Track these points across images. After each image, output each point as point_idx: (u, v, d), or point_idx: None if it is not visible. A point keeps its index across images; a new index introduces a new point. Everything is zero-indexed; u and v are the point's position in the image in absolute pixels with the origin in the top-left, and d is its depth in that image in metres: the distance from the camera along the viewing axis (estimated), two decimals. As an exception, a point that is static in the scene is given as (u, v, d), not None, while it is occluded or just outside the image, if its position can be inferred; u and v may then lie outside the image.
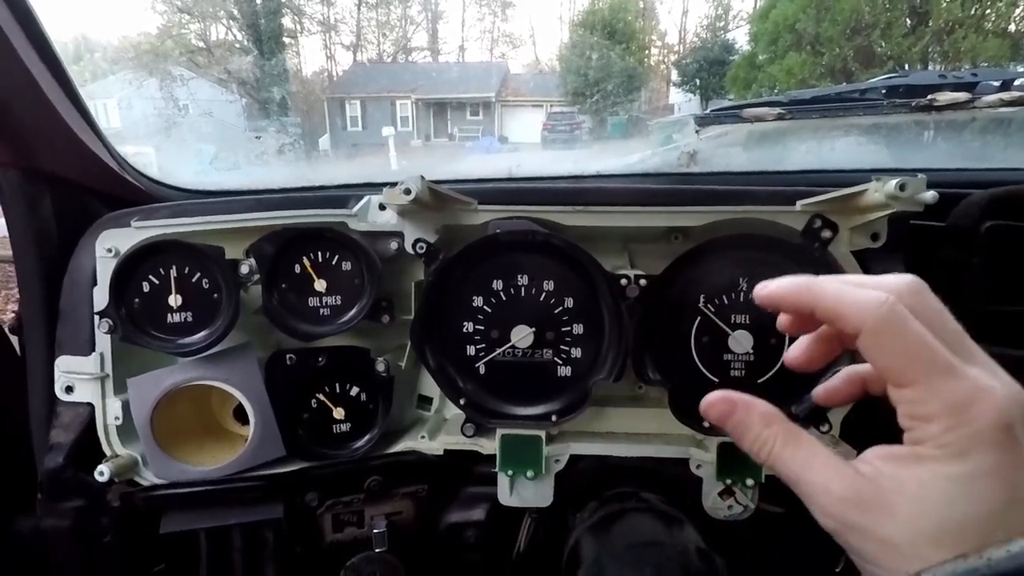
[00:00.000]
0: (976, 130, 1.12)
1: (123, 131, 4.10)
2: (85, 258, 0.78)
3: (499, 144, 15.30)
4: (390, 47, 24.90)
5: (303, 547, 0.79)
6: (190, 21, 16.89)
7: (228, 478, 0.76)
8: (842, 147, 1.23)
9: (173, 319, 0.74)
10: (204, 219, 0.76)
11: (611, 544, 0.69)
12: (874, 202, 0.65)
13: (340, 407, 0.79)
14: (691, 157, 1.06)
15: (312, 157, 9.26)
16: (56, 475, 0.75)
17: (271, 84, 12.80)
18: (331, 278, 0.76)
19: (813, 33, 11.08)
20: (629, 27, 19.38)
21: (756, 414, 0.39)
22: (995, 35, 9.76)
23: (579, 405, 0.75)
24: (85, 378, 0.77)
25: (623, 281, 0.71)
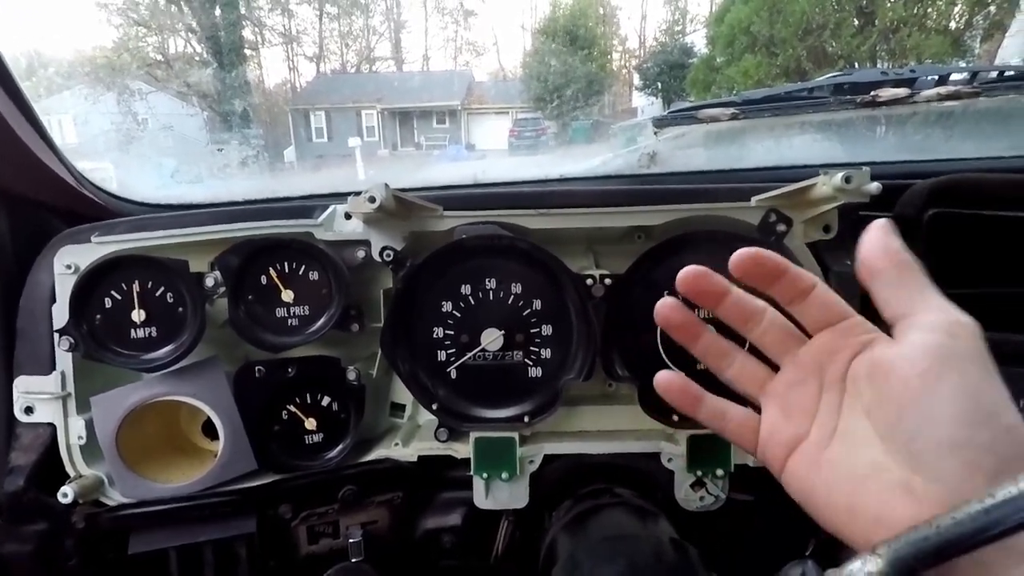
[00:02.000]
0: (918, 124, 1.18)
1: (80, 147, 3.99)
2: (43, 275, 0.77)
3: (466, 152, 15.32)
4: (354, 57, 24.74)
5: (277, 561, 0.78)
6: (147, 34, 16.53)
7: (198, 494, 0.75)
8: (795, 144, 1.27)
9: (137, 334, 0.73)
10: (167, 232, 0.76)
11: (586, 540, 0.69)
12: (823, 195, 0.67)
13: (312, 417, 0.78)
14: (651, 158, 1.08)
15: (277, 169, 9.13)
16: (17, 498, 0.73)
17: (232, 96, 12.59)
18: (298, 288, 0.76)
19: (767, 35, 11.37)
20: (590, 33, 19.61)
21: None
22: (937, 32, 10.15)
23: (551, 405, 0.76)
24: (46, 398, 0.75)
25: (589, 281, 0.72)
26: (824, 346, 0.43)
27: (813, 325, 0.44)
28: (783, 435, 0.44)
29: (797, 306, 0.44)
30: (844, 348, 0.41)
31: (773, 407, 0.46)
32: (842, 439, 0.40)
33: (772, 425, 0.45)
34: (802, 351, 0.44)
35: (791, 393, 0.44)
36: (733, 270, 0.44)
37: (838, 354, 0.42)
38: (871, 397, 0.39)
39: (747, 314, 0.46)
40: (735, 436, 0.48)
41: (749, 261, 0.43)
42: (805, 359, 0.44)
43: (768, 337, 0.46)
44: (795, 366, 0.45)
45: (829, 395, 0.42)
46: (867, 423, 0.39)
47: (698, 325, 0.49)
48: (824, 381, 0.42)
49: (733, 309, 0.46)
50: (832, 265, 0.73)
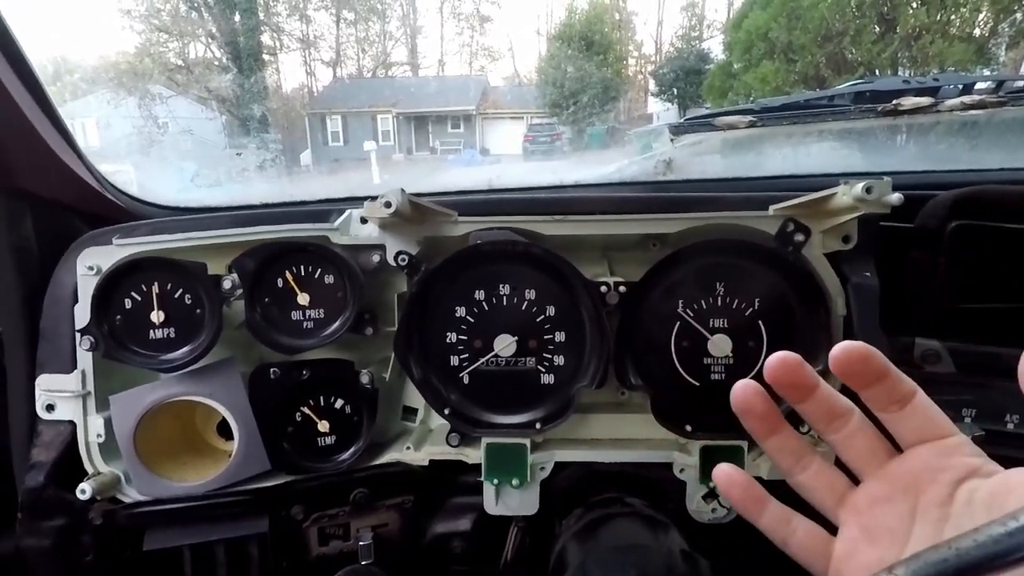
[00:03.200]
0: (941, 133, 1.16)
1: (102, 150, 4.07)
2: (66, 276, 0.78)
3: (480, 156, 15.36)
4: (370, 62, 24.92)
5: (289, 561, 0.79)
6: (168, 40, 16.79)
7: (212, 493, 0.76)
8: (814, 152, 1.26)
9: (156, 335, 0.74)
10: (186, 235, 0.77)
11: (596, 549, 0.69)
12: (843, 205, 0.67)
13: (325, 420, 0.79)
14: (667, 165, 1.08)
15: (294, 173, 9.22)
16: (37, 494, 0.74)
17: (251, 101, 12.74)
18: (314, 292, 0.76)
19: (786, 41, 11.29)
20: (606, 39, 19.58)
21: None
22: (960, 40, 10.02)
23: (563, 412, 0.76)
24: (67, 396, 0.76)
25: (603, 288, 0.72)
26: (921, 463, 0.39)
27: (909, 438, 0.40)
28: (865, 559, 0.39)
29: (891, 414, 0.40)
30: (948, 468, 0.37)
31: (853, 525, 0.41)
32: None
33: (851, 545, 0.41)
34: (894, 465, 0.40)
35: (876, 511, 0.40)
36: (834, 364, 0.39)
37: (939, 474, 0.37)
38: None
39: (834, 414, 0.41)
40: (800, 551, 0.43)
41: (856, 357, 0.38)
42: (897, 475, 0.39)
43: (855, 444, 0.41)
44: (884, 481, 0.40)
45: (925, 520, 0.37)
46: None
47: (779, 418, 0.44)
48: (919, 503, 0.38)
49: (820, 407, 0.41)
50: (851, 276, 0.73)
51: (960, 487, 0.37)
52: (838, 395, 0.42)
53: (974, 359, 0.76)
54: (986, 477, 0.36)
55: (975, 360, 0.76)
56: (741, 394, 0.43)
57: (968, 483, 0.36)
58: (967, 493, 0.36)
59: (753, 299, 0.73)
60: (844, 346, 0.38)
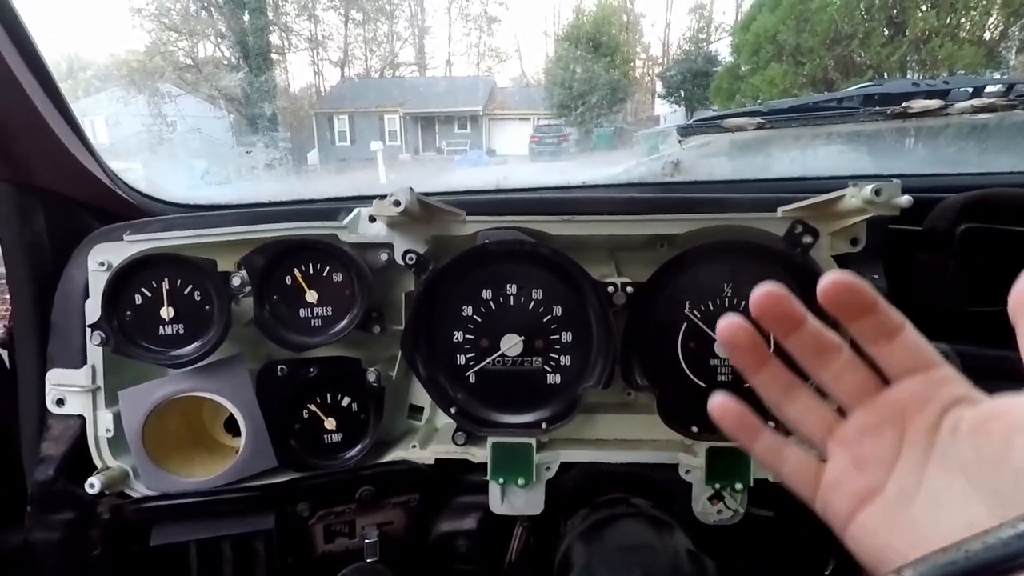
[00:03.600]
0: (951, 136, 1.16)
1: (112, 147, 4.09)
2: (77, 271, 0.79)
3: (487, 157, 15.38)
4: (377, 62, 25.01)
5: (294, 558, 0.79)
6: (178, 38, 16.90)
7: (219, 489, 0.76)
8: (822, 155, 1.26)
9: (165, 331, 0.75)
10: (196, 232, 0.77)
11: (601, 549, 0.69)
12: (852, 207, 0.66)
13: (331, 417, 0.79)
14: (675, 166, 1.08)
15: (301, 172, 9.26)
16: (46, 487, 0.75)
17: (259, 100, 12.80)
18: (322, 289, 0.77)
19: (794, 44, 11.26)
20: (613, 40, 19.58)
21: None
22: (970, 43, 9.96)
23: (569, 412, 0.76)
24: (76, 390, 0.77)
25: (610, 289, 0.72)
26: (909, 394, 0.39)
27: (897, 370, 0.40)
28: (853, 486, 0.40)
29: (880, 347, 0.40)
30: (935, 399, 0.38)
31: (842, 455, 0.42)
32: (928, 497, 0.37)
33: (840, 474, 0.41)
34: (882, 397, 0.40)
35: (865, 441, 0.40)
36: (822, 295, 0.39)
37: (927, 404, 0.38)
38: (972, 455, 0.35)
39: (822, 349, 0.41)
40: (791, 478, 0.44)
41: (843, 288, 0.38)
42: (885, 406, 0.40)
43: (843, 379, 0.41)
44: (872, 412, 0.41)
45: (912, 449, 0.38)
46: (963, 482, 0.35)
47: (766, 352, 0.43)
48: (906, 433, 0.39)
49: (808, 341, 0.41)
50: (859, 278, 0.72)
51: (946, 416, 0.37)
52: (827, 329, 0.41)
53: (983, 362, 0.75)
54: (972, 405, 0.37)
55: (984, 363, 0.75)
56: (727, 328, 0.42)
57: (954, 411, 0.37)
58: (953, 421, 0.37)
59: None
60: (832, 276, 0.38)
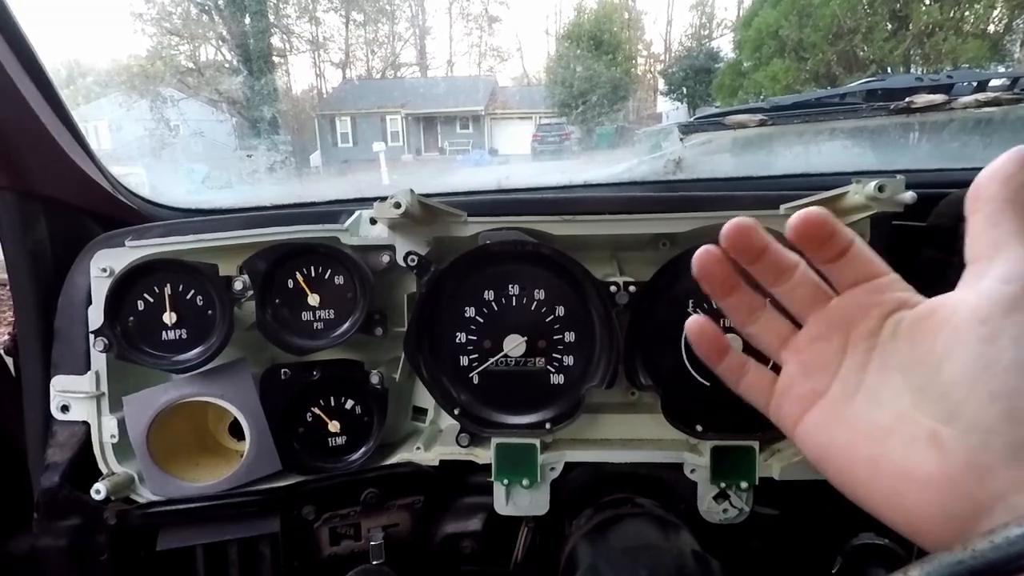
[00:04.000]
0: (955, 131, 1.15)
1: (114, 152, 4.11)
2: (80, 278, 0.79)
3: (489, 156, 15.38)
4: (379, 64, 25.04)
5: (300, 561, 0.79)
6: (180, 43, 16.95)
7: (224, 493, 0.76)
8: (825, 151, 1.25)
9: (168, 336, 0.75)
10: (197, 237, 0.77)
11: (607, 550, 0.69)
12: (855, 204, 0.66)
13: (335, 420, 0.79)
14: (677, 164, 1.08)
15: (303, 174, 9.28)
16: (52, 494, 0.75)
17: (261, 103, 12.83)
18: (324, 292, 0.77)
19: (796, 39, 11.22)
20: (615, 38, 19.55)
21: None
22: (974, 37, 9.91)
23: (572, 412, 0.76)
24: (81, 397, 0.77)
25: (613, 288, 0.72)
26: (854, 302, 0.42)
27: (845, 282, 0.43)
28: (800, 390, 0.43)
29: (833, 264, 0.42)
30: (876, 305, 0.40)
31: (792, 363, 0.45)
32: (867, 396, 0.39)
33: (789, 380, 0.45)
34: (830, 306, 0.43)
35: (813, 348, 0.43)
36: (792, 231, 0.42)
37: (870, 310, 0.40)
38: (907, 353, 0.37)
39: (781, 269, 0.44)
40: (748, 390, 0.48)
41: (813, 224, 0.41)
42: (832, 315, 0.43)
43: (797, 293, 0.44)
44: (820, 322, 0.43)
45: (855, 352, 0.41)
46: (899, 379, 0.37)
47: (737, 279, 0.47)
48: (850, 338, 0.41)
49: (771, 265, 0.44)
50: (863, 275, 0.72)
51: (888, 319, 0.40)
52: (785, 251, 0.44)
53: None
54: (912, 307, 0.39)
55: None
56: (704, 258, 0.46)
57: (895, 315, 0.39)
58: (893, 324, 0.39)
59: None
60: (803, 214, 0.41)
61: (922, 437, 0.34)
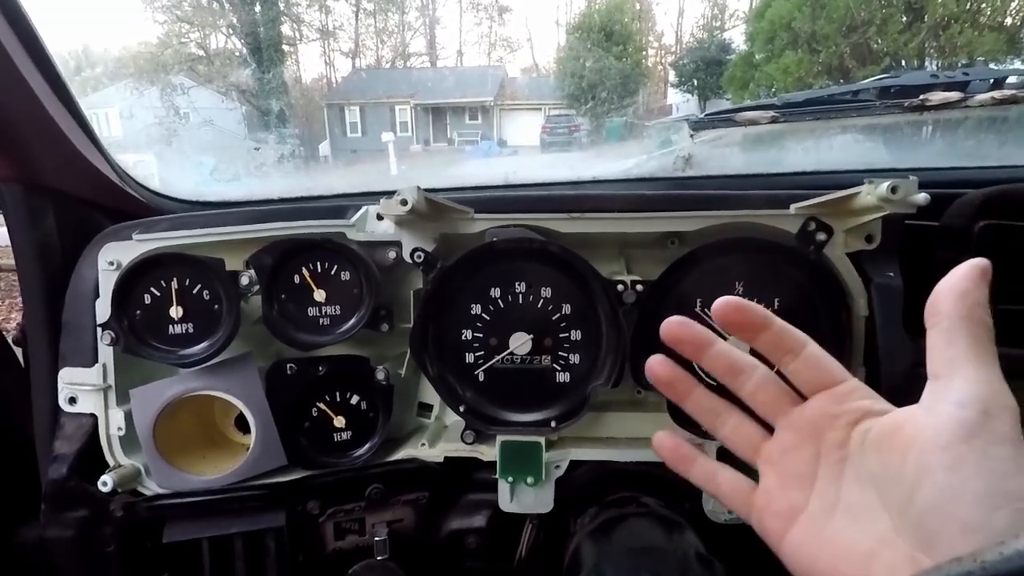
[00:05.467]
0: (969, 129, 1.13)
1: (124, 140, 4.12)
2: (87, 271, 0.79)
3: (498, 148, 15.32)
4: (388, 53, 24.99)
5: (305, 555, 0.79)
6: (190, 30, 16.97)
7: (230, 487, 0.77)
8: (837, 148, 1.24)
9: (174, 330, 0.75)
10: (204, 231, 0.77)
11: (611, 549, 0.69)
12: (867, 204, 0.65)
13: (341, 415, 0.79)
14: (686, 161, 1.07)
15: (312, 164, 9.29)
16: (59, 485, 0.76)
17: (271, 92, 12.84)
18: (330, 288, 0.77)
19: (809, 31, 11.10)
20: (625, 29, 19.39)
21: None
22: (991, 29, 9.76)
23: (578, 411, 0.76)
24: (88, 389, 0.77)
25: (620, 287, 0.71)
26: (820, 410, 0.42)
27: (807, 387, 0.43)
28: (780, 505, 0.42)
29: (789, 365, 0.43)
30: (843, 413, 0.40)
31: (770, 474, 0.44)
32: (846, 513, 0.38)
33: (768, 493, 0.44)
34: (795, 413, 0.43)
35: (786, 459, 0.43)
36: (714, 314, 0.44)
37: (837, 419, 0.40)
38: (879, 467, 0.37)
39: (735, 368, 0.45)
40: (728, 501, 0.47)
41: (729, 308, 0.43)
42: (800, 423, 0.42)
43: (760, 395, 0.45)
44: (790, 430, 0.43)
45: (828, 463, 0.40)
46: (873, 495, 0.37)
47: (687, 382, 0.48)
48: (821, 447, 0.41)
49: (718, 361, 0.45)
50: (874, 276, 0.71)
51: (855, 429, 0.39)
52: (737, 351, 0.45)
53: (1001, 361, 0.74)
54: (878, 416, 0.39)
55: (1002, 363, 0.74)
56: (651, 364, 0.48)
57: (862, 424, 0.39)
58: (861, 434, 0.39)
59: (773, 299, 0.71)
60: (720, 300, 0.43)
61: (903, 565, 0.34)
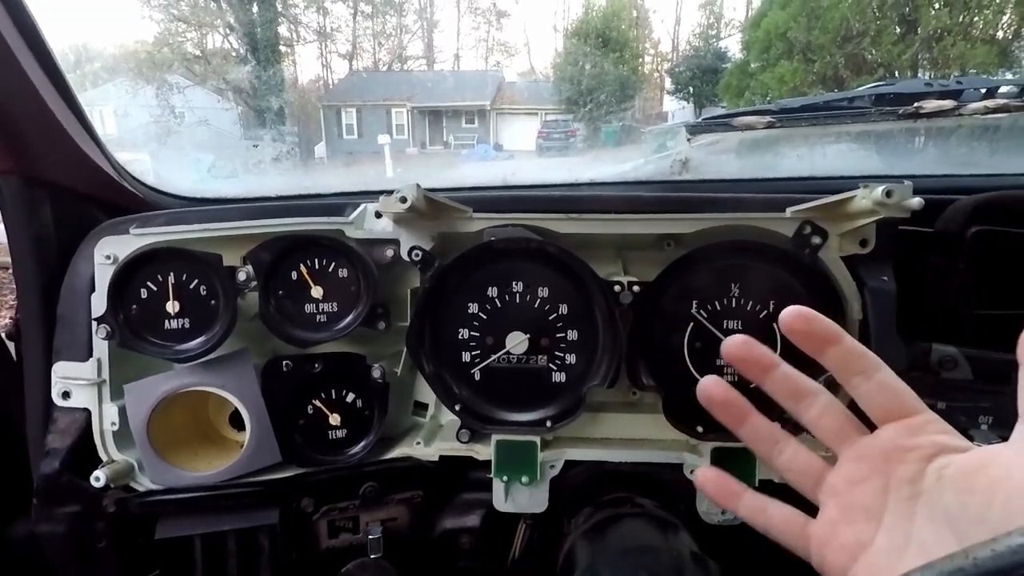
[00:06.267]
0: (962, 137, 1.14)
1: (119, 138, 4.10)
2: (83, 265, 0.79)
3: (494, 151, 15.32)
4: (386, 56, 25.00)
5: (298, 553, 0.79)
6: (187, 29, 16.93)
7: (224, 484, 0.76)
8: (832, 154, 1.25)
9: (170, 325, 0.75)
10: (202, 226, 0.77)
11: (605, 550, 0.69)
12: (862, 208, 0.66)
13: (336, 413, 0.79)
14: (683, 165, 1.07)
15: (309, 165, 9.26)
16: (52, 480, 0.75)
17: (267, 92, 12.81)
18: (328, 285, 0.77)
19: (804, 41, 11.18)
20: (622, 36, 19.48)
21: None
22: (983, 42, 9.87)
23: (574, 411, 0.76)
24: (82, 384, 0.77)
25: (617, 288, 0.72)
26: (892, 441, 0.39)
27: (878, 413, 0.40)
28: (843, 540, 0.40)
29: (860, 388, 0.40)
30: (917, 447, 0.38)
31: (832, 506, 0.41)
32: (920, 551, 0.36)
33: (831, 527, 0.41)
34: (865, 443, 0.41)
35: (852, 491, 0.40)
36: (781, 324, 0.41)
37: (910, 453, 0.38)
38: (957, 508, 0.35)
39: (799, 392, 0.43)
40: (780, 536, 0.44)
41: (798, 319, 0.40)
42: (869, 453, 0.40)
43: (824, 421, 0.42)
44: (857, 461, 0.41)
45: (898, 498, 0.38)
46: (950, 536, 0.34)
47: (745, 406, 0.45)
48: (891, 481, 0.38)
49: (783, 384, 0.43)
50: (868, 280, 0.72)
51: (930, 464, 0.37)
52: (802, 375, 0.43)
53: (992, 366, 0.75)
54: (955, 453, 0.37)
55: (993, 367, 0.75)
56: (704, 391, 0.45)
57: (938, 460, 0.37)
58: (937, 470, 0.37)
59: (768, 301, 0.72)
60: (788, 309, 0.40)
61: None
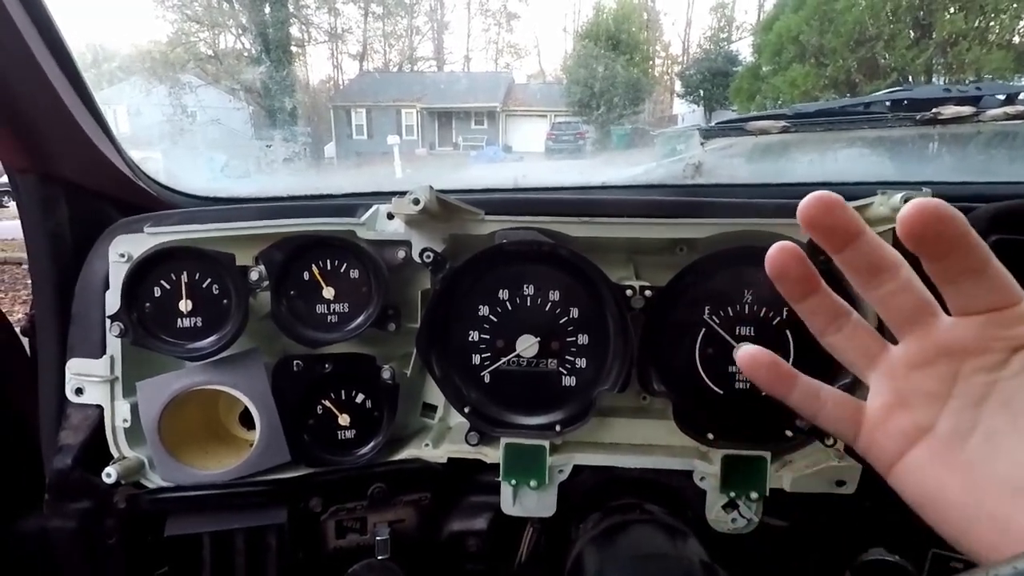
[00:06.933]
0: (981, 144, 1.13)
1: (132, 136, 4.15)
2: (98, 263, 0.79)
3: (503, 153, 15.35)
4: (396, 57, 25.13)
5: (306, 553, 0.79)
6: (200, 30, 17.07)
7: (233, 482, 0.77)
8: (847, 160, 1.24)
9: (183, 324, 0.75)
10: (215, 226, 0.77)
11: (614, 556, 0.68)
12: (879, 215, 0.65)
13: (345, 414, 0.79)
14: (696, 169, 1.07)
15: (319, 165, 9.31)
16: (64, 476, 0.76)
17: (279, 93, 12.90)
18: (339, 286, 0.77)
19: (817, 45, 11.13)
20: (633, 38, 19.46)
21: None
22: (999, 47, 9.78)
23: (583, 415, 0.76)
24: (95, 380, 0.77)
25: (628, 292, 0.71)
26: (973, 332, 0.35)
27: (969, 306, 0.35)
28: (900, 424, 0.37)
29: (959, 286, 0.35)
30: (1003, 338, 0.34)
31: (887, 389, 0.39)
32: (986, 437, 0.34)
33: (884, 410, 0.38)
34: (939, 329, 0.36)
35: (914, 375, 0.37)
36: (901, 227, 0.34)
37: (994, 343, 0.35)
38: None
39: (881, 264, 0.37)
40: (829, 422, 0.42)
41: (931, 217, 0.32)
42: (944, 338, 0.36)
43: (897, 301, 0.37)
44: (926, 343, 0.37)
45: (969, 384, 0.35)
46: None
47: (816, 280, 0.40)
48: (963, 367, 0.35)
49: (865, 257, 0.37)
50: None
51: (1017, 354, 0.34)
52: (886, 245, 0.37)
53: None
54: None
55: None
56: (778, 256, 0.40)
57: None
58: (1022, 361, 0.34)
59: (781, 308, 0.71)
60: (916, 203, 0.33)
61: None
